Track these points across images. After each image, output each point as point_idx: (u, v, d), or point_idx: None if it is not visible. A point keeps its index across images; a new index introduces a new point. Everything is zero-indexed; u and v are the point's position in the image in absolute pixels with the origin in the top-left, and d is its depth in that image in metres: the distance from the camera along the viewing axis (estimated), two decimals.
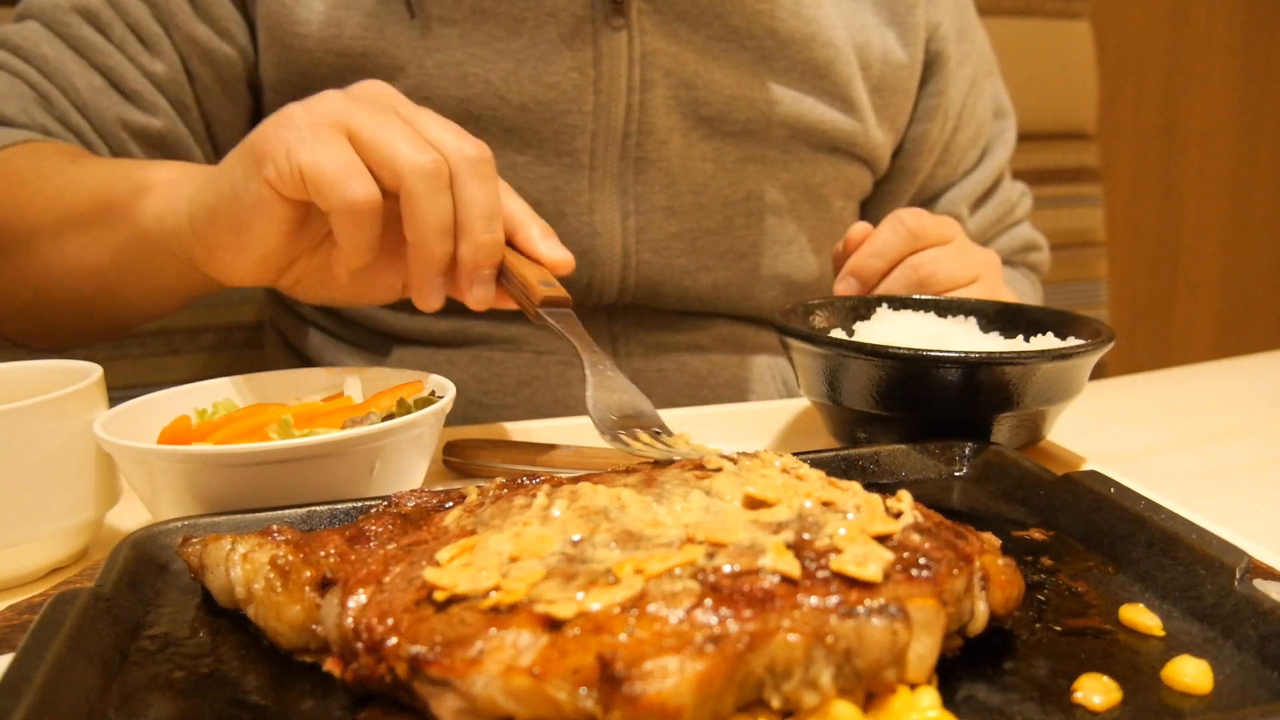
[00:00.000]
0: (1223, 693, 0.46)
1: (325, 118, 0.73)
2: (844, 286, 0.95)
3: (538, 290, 0.76)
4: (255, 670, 0.50)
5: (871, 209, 1.27)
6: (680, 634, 0.42)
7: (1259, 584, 0.51)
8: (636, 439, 0.66)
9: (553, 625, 0.43)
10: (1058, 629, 0.52)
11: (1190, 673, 0.47)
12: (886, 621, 0.44)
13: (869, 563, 0.46)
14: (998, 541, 0.53)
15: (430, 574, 0.46)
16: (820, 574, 0.45)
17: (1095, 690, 0.46)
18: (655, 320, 1.14)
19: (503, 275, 0.79)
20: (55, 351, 1.05)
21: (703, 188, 1.09)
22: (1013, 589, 0.51)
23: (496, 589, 0.45)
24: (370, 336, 1.14)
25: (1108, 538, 0.59)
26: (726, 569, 0.45)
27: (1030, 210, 1.37)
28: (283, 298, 1.22)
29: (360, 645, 0.45)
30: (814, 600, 0.44)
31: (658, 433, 0.67)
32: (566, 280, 1.10)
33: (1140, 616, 0.52)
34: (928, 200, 1.28)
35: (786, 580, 0.45)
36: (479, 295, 0.77)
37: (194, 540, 0.57)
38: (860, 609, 0.44)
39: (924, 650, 0.45)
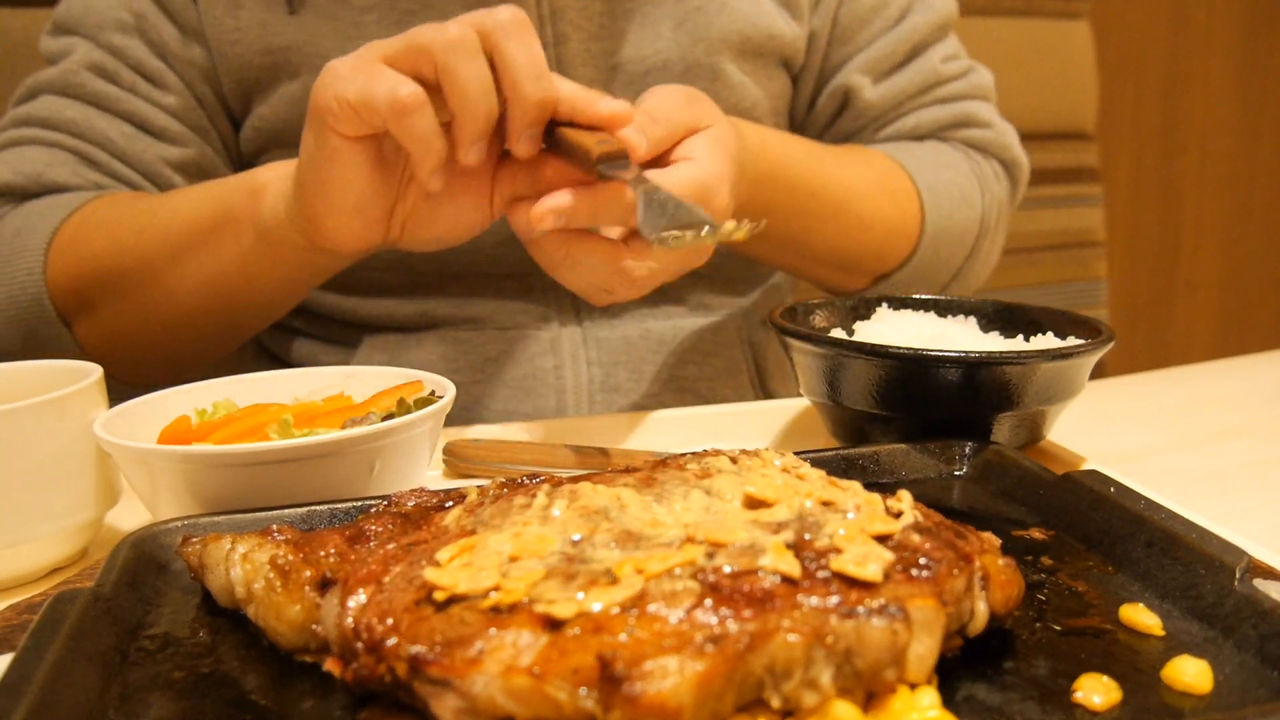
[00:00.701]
0: (1223, 692, 0.46)
1: (359, 56, 0.76)
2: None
3: (594, 149, 0.75)
4: (255, 670, 0.50)
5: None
6: (680, 634, 0.42)
7: (1259, 584, 0.51)
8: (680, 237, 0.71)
9: (553, 625, 0.43)
10: (1057, 629, 0.52)
11: (1190, 672, 0.47)
12: (886, 621, 0.44)
13: (869, 563, 0.46)
14: (997, 541, 0.54)
15: (430, 574, 0.46)
16: (820, 574, 0.45)
17: (1095, 690, 0.46)
18: None
19: (557, 144, 0.79)
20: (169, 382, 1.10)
21: None
22: (1012, 589, 0.51)
23: (496, 589, 0.45)
24: (339, 329, 1.14)
25: (1108, 537, 0.59)
26: (726, 569, 0.45)
27: (986, 87, 1.24)
28: None
29: (360, 645, 0.45)
30: (814, 600, 0.44)
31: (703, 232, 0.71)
32: (509, 245, 1.09)
33: (1140, 616, 0.52)
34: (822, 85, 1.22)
35: (786, 580, 0.45)
36: (524, 147, 0.78)
37: (193, 540, 0.57)
38: (860, 609, 0.44)
39: (924, 650, 0.45)
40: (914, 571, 0.46)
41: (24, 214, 1.02)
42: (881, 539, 0.48)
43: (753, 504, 0.51)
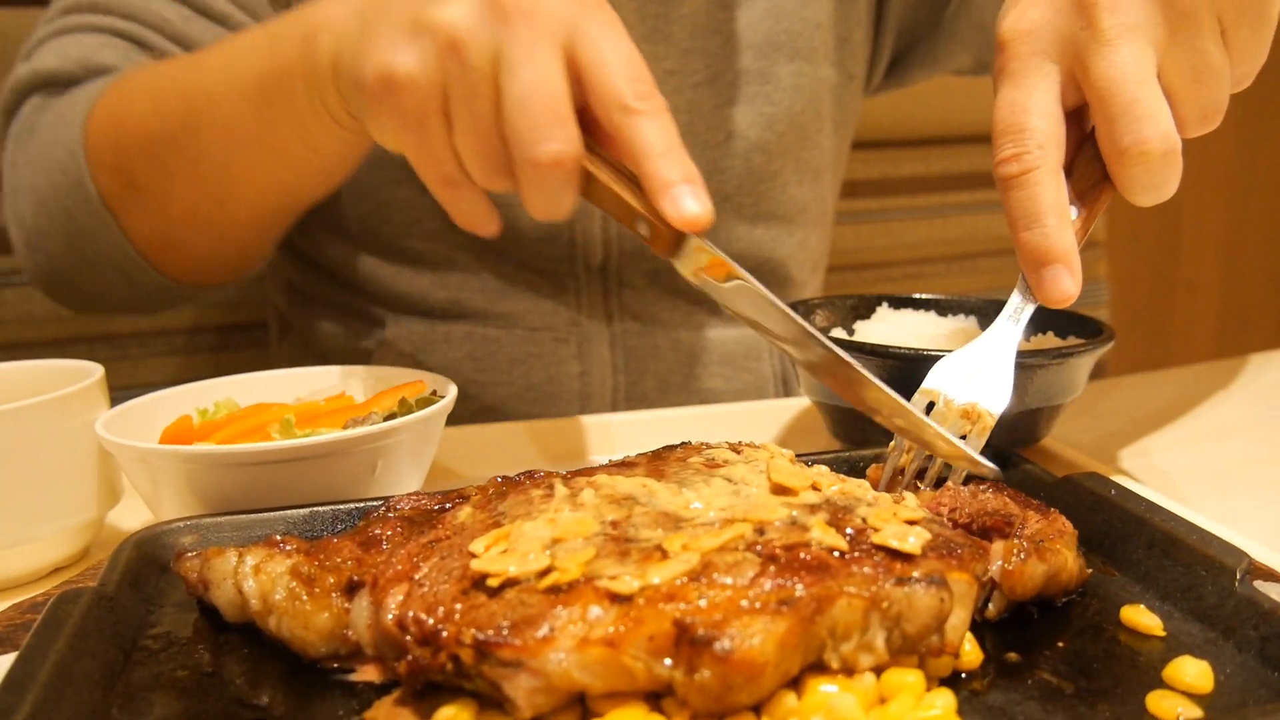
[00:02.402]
0: (1224, 693, 0.47)
1: (398, 19, 0.66)
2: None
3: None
4: (258, 669, 0.50)
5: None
6: (753, 598, 0.44)
7: (1259, 585, 0.51)
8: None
9: (617, 599, 0.44)
10: (1059, 630, 0.52)
11: (1191, 673, 0.47)
12: (934, 590, 0.47)
13: (909, 536, 0.49)
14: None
15: (479, 562, 0.47)
16: (865, 548, 0.48)
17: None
18: (650, 290, 1.12)
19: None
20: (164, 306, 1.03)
21: (682, 134, 1.07)
22: (1021, 578, 0.52)
23: (551, 570, 0.46)
24: (366, 305, 1.13)
25: (1108, 539, 0.60)
26: (777, 543, 0.48)
27: None
28: (280, 272, 1.21)
29: (410, 639, 0.45)
30: (866, 570, 0.47)
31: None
32: (549, 236, 1.08)
33: (1141, 617, 0.52)
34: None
35: (835, 553, 0.48)
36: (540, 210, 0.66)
37: (190, 555, 0.56)
38: (910, 578, 0.47)
39: (958, 621, 0.48)
40: (947, 548, 0.50)
41: (70, 97, 0.94)
42: (909, 524, 0.51)
43: (778, 490, 0.54)
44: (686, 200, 0.61)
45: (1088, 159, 0.68)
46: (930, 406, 0.65)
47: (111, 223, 0.92)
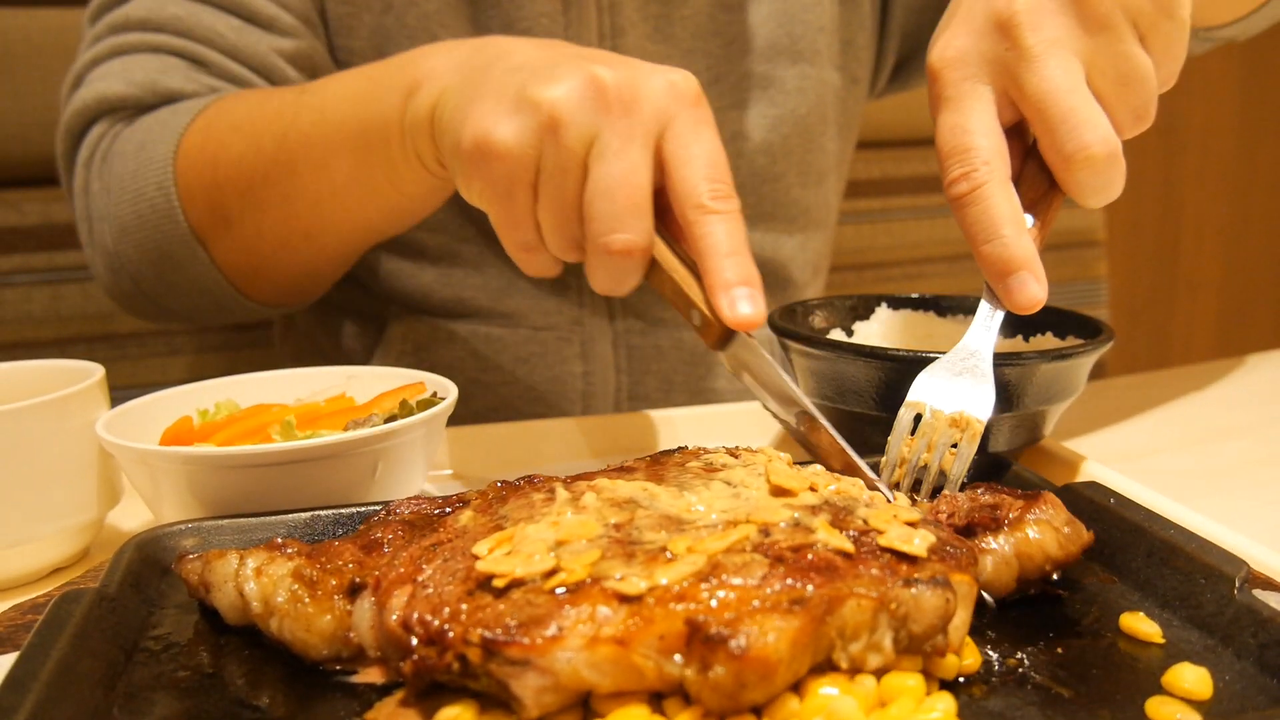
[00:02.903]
0: (1222, 700, 0.47)
1: (505, 90, 0.69)
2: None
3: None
4: (258, 670, 0.50)
5: None
6: (765, 598, 0.45)
7: (1258, 593, 0.52)
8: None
9: (625, 600, 0.44)
10: (1059, 636, 0.52)
11: (1190, 680, 0.47)
12: (940, 591, 0.47)
13: (914, 538, 0.49)
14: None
15: (484, 563, 0.47)
16: (870, 549, 0.49)
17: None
18: (652, 291, 1.11)
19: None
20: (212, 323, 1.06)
21: None
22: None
23: (556, 570, 0.46)
24: (370, 302, 1.13)
25: (1107, 547, 0.60)
26: (784, 544, 0.48)
27: None
28: None
29: (416, 639, 0.45)
30: (874, 571, 0.47)
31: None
32: None
33: (1140, 625, 0.52)
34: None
35: (841, 554, 0.48)
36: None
37: (191, 557, 0.56)
38: (917, 579, 0.47)
39: (960, 622, 0.48)
40: (947, 550, 0.50)
41: (145, 126, 0.95)
42: (910, 525, 0.52)
43: (778, 492, 0.54)
44: (742, 302, 0.65)
45: (1034, 170, 0.71)
46: (918, 419, 0.66)
47: (203, 255, 0.94)
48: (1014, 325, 0.88)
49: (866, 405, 0.77)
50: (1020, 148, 0.72)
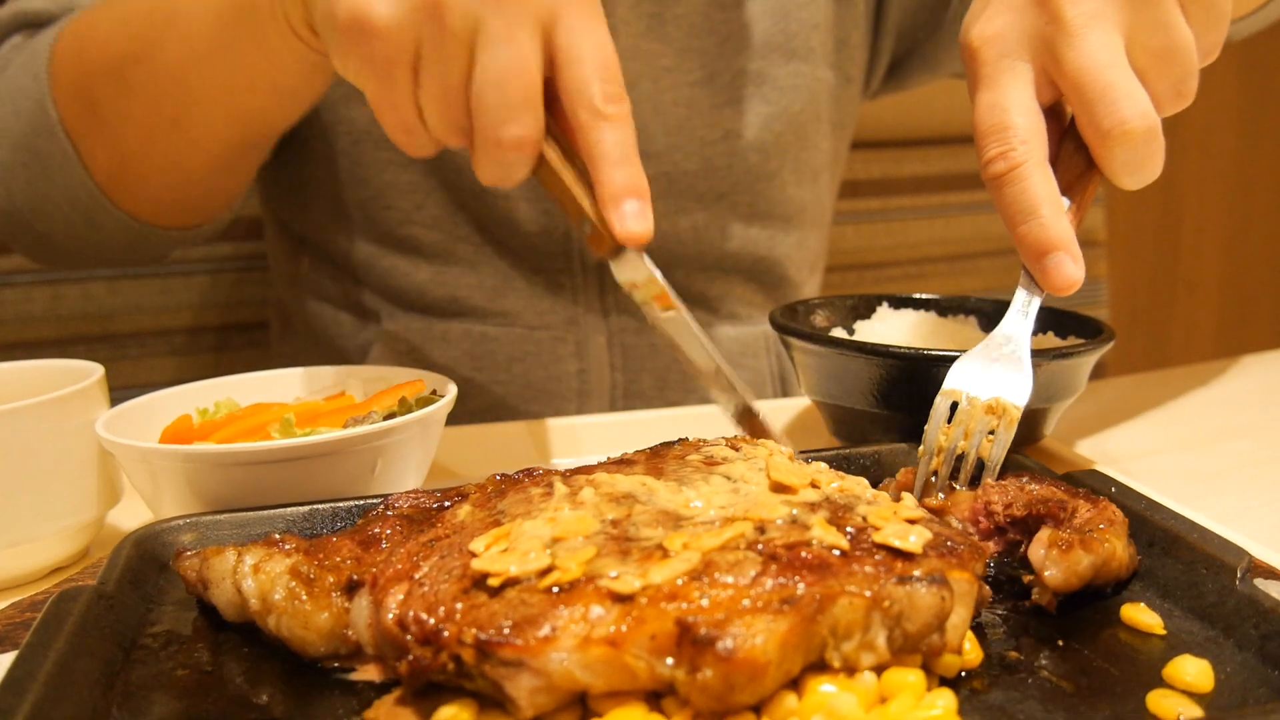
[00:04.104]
0: (1224, 691, 0.47)
1: None
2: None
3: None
4: (258, 668, 0.50)
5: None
6: (755, 597, 0.44)
7: (1260, 583, 0.51)
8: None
9: (619, 599, 0.44)
10: (1059, 629, 0.52)
11: (1191, 671, 0.47)
12: (935, 588, 0.47)
13: (910, 535, 0.49)
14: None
15: (479, 562, 0.47)
16: (866, 546, 0.48)
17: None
18: None
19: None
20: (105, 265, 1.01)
21: (677, 131, 1.08)
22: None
23: (551, 569, 0.46)
24: (366, 297, 1.13)
25: None
26: (779, 542, 0.48)
27: None
28: (282, 263, 1.21)
29: (411, 638, 0.45)
30: (868, 569, 0.47)
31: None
32: (546, 232, 1.07)
33: (1141, 615, 0.52)
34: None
35: (836, 551, 0.48)
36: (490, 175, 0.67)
37: (189, 554, 0.56)
38: (911, 576, 0.47)
39: (959, 620, 0.48)
40: (946, 547, 0.50)
41: (43, 32, 0.93)
42: (909, 523, 0.51)
43: (778, 488, 0.54)
44: (631, 216, 0.63)
45: (1070, 150, 0.69)
46: (954, 407, 0.65)
47: (70, 150, 0.90)
48: None
49: (868, 403, 0.77)
50: (1058, 128, 0.71)
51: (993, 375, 0.66)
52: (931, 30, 1.20)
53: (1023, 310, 0.69)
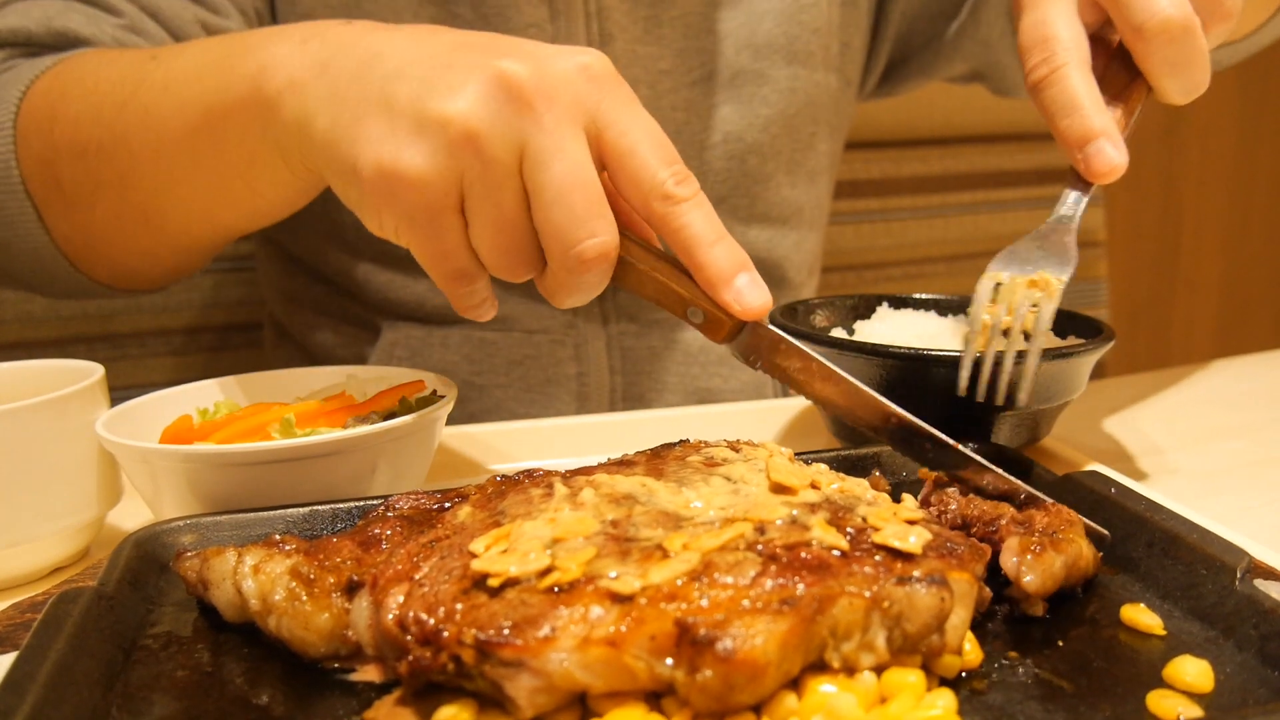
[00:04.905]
0: (1224, 692, 0.47)
1: (400, 111, 0.63)
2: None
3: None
4: (257, 669, 0.50)
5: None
6: (755, 598, 0.44)
7: (1259, 584, 0.51)
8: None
9: (618, 599, 0.44)
10: (1059, 629, 0.52)
11: (1191, 672, 0.47)
12: (935, 589, 0.47)
13: (910, 536, 0.49)
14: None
15: (479, 562, 0.47)
16: (866, 547, 0.48)
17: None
18: None
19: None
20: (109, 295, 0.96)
21: (676, 134, 1.08)
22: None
23: (551, 570, 0.46)
24: (363, 310, 1.12)
25: (1108, 538, 0.59)
26: (778, 542, 0.48)
27: None
28: (275, 279, 1.21)
29: (411, 639, 0.45)
30: (867, 569, 0.47)
31: None
32: None
33: (1141, 616, 0.52)
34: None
35: (836, 552, 0.48)
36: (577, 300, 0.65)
37: (189, 555, 0.56)
38: (911, 577, 0.47)
39: (959, 621, 0.48)
40: (946, 548, 0.50)
41: (12, 71, 0.87)
42: (909, 523, 0.51)
43: (778, 489, 0.54)
44: (748, 291, 0.62)
45: (1116, 68, 0.71)
46: (996, 288, 0.66)
47: (32, 212, 0.86)
48: None
49: None
50: (1104, 53, 0.72)
51: (1034, 257, 0.67)
52: (929, 39, 1.20)
53: (1065, 207, 0.70)
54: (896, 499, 0.57)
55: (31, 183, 0.85)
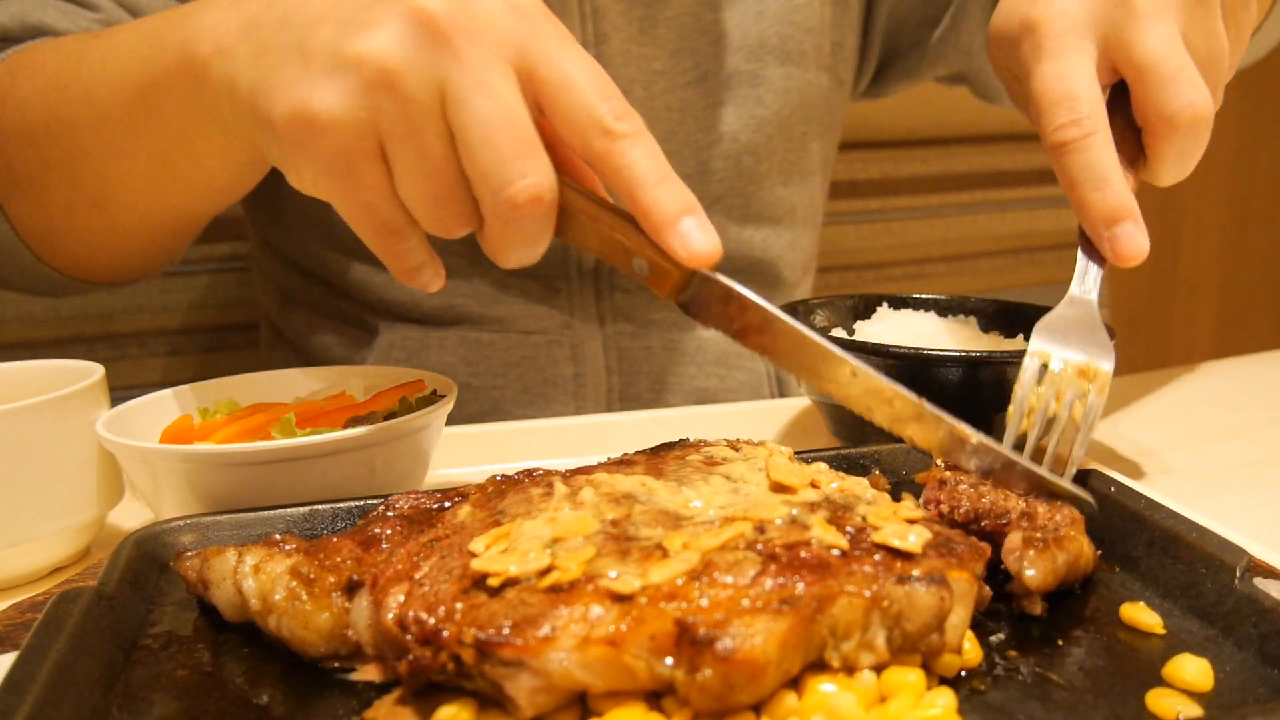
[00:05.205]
0: (1223, 690, 0.47)
1: (313, 51, 0.59)
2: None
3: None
4: (258, 668, 0.50)
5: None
6: (754, 597, 0.44)
7: (1259, 582, 0.51)
8: None
9: (618, 599, 0.44)
10: (1059, 628, 0.52)
11: (1191, 671, 0.47)
12: (934, 588, 0.47)
13: (909, 535, 0.49)
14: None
15: (479, 562, 0.47)
16: (865, 546, 0.48)
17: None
18: (641, 292, 1.12)
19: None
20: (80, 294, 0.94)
21: (671, 135, 1.08)
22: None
23: (551, 569, 0.46)
24: (360, 312, 1.12)
25: (1108, 536, 0.60)
26: (778, 542, 0.48)
27: None
28: (271, 280, 1.21)
29: (411, 638, 0.45)
30: (867, 569, 0.47)
31: None
32: (540, 260, 1.06)
33: (1141, 615, 0.52)
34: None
35: (836, 551, 0.48)
36: (517, 258, 0.60)
37: (190, 554, 0.56)
38: (911, 576, 0.47)
39: (958, 620, 0.48)
40: (946, 547, 0.50)
41: None
42: (909, 523, 0.51)
43: (778, 488, 0.54)
44: (695, 236, 0.56)
45: (1119, 134, 0.70)
46: (1043, 369, 0.65)
47: None
48: (1014, 325, 0.88)
49: None
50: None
51: (1076, 339, 0.66)
52: (914, 44, 1.21)
53: (1081, 280, 0.69)
54: (896, 498, 0.57)
55: None
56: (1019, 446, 0.64)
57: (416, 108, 0.55)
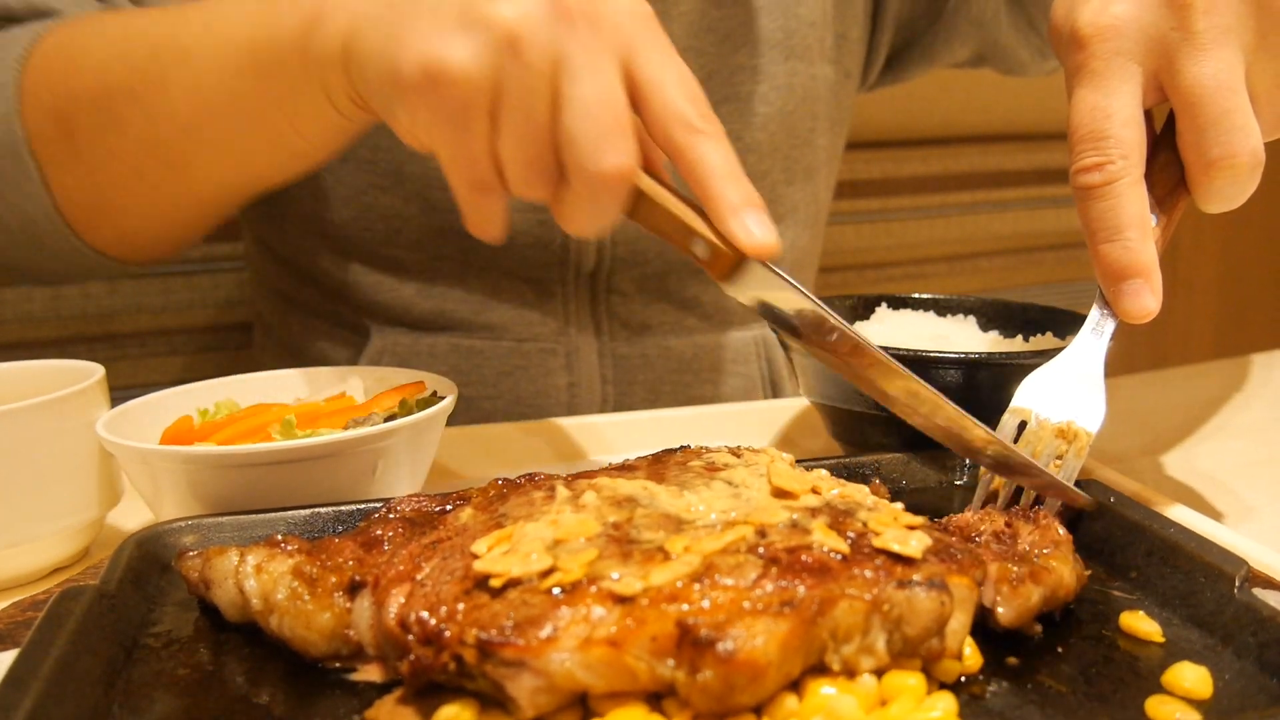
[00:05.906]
0: (1222, 699, 0.47)
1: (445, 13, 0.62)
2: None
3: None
4: (259, 668, 0.50)
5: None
6: (756, 600, 0.45)
7: (1258, 592, 0.52)
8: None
9: (620, 600, 0.44)
10: (1058, 635, 0.53)
11: (1190, 678, 0.47)
12: (935, 593, 0.47)
13: (910, 540, 0.49)
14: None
15: (481, 563, 0.47)
16: (866, 551, 0.49)
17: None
18: (639, 297, 1.12)
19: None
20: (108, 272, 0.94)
21: None
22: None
23: (553, 570, 0.46)
24: (351, 314, 1.12)
25: (1107, 545, 0.60)
26: (779, 545, 0.48)
27: None
28: (264, 280, 1.20)
29: (412, 638, 0.45)
30: (868, 572, 0.47)
31: None
32: (541, 244, 1.05)
33: (1140, 624, 0.52)
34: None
35: (837, 555, 0.48)
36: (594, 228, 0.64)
37: (191, 554, 0.56)
38: (911, 581, 0.47)
39: (958, 625, 0.48)
40: (946, 553, 0.50)
41: (7, 33, 0.86)
42: (909, 529, 0.51)
43: (779, 494, 0.54)
44: (756, 225, 0.60)
45: (1163, 164, 0.66)
46: (1023, 426, 0.63)
47: (35, 173, 0.84)
48: (1014, 325, 0.88)
49: (867, 404, 0.77)
50: (1150, 133, 0.67)
51: (1065, 396, 0.63)
52: (931, 21, 1.20)
53: (1096, 330, 0.66)
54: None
55: (37, 140, 0.84)
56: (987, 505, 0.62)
57: (534, 73, 0.59)
